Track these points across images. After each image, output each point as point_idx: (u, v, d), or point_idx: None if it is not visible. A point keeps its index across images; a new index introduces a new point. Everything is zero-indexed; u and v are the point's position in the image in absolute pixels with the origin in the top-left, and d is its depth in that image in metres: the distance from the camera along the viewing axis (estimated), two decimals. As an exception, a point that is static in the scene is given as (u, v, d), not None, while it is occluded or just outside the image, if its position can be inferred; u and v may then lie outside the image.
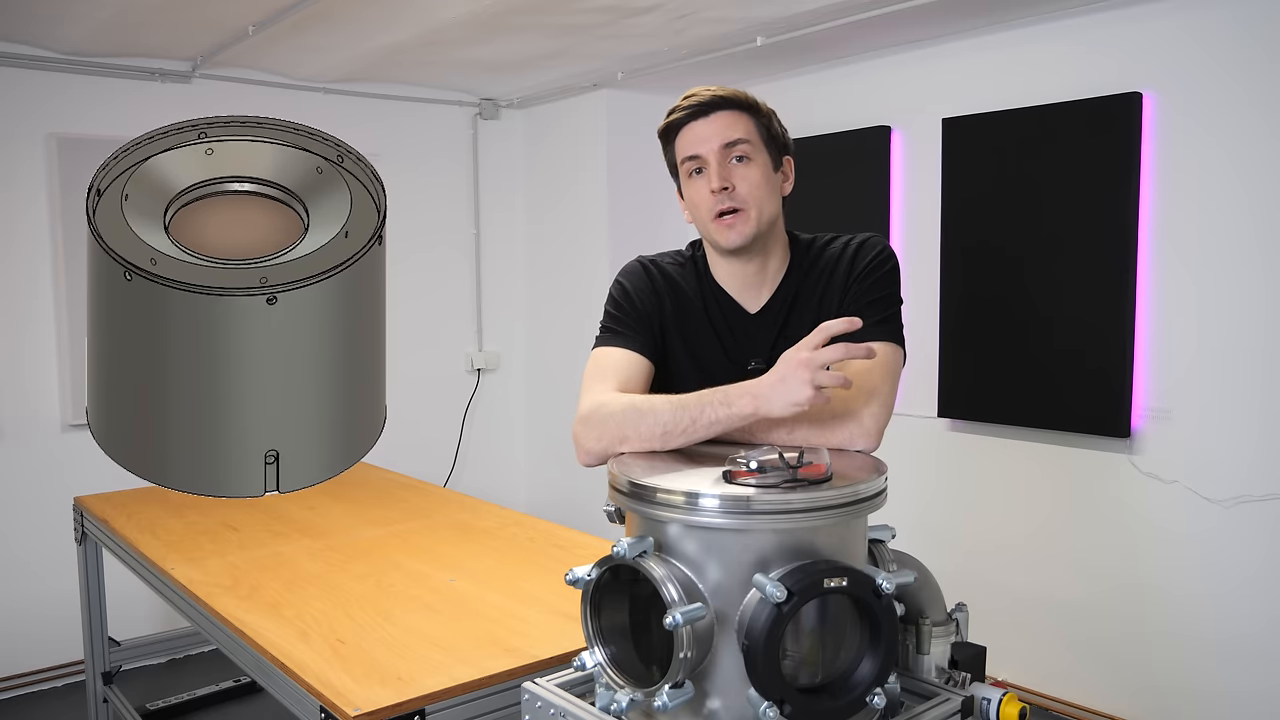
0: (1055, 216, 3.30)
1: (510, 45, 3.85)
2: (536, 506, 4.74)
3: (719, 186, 1.52)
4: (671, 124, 1.58)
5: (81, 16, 3.36)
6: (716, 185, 1.52)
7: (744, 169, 1.54)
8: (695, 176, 1.56)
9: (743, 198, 1.53)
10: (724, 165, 1.53)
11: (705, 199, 1.54)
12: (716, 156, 1.53)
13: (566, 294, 4.82)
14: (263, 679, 1.88)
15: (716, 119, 1.54)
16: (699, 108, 1.55)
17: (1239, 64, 2.94)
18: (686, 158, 1.56)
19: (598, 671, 1.24)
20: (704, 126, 1.54)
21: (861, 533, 1.25)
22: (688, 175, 1.58)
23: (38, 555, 3.74)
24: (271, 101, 4.21)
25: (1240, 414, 2.98)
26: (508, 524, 2.68)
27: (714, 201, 1.53)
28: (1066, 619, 3.40)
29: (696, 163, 1.55)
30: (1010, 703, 1.30)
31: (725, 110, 1.54)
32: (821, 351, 1.28)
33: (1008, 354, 3.47)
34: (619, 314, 1.60)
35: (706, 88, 1.57)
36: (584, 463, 1.43)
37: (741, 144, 1.54)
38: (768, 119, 1.59)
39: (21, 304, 3.77)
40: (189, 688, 3.62)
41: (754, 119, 1.56)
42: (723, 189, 1.52)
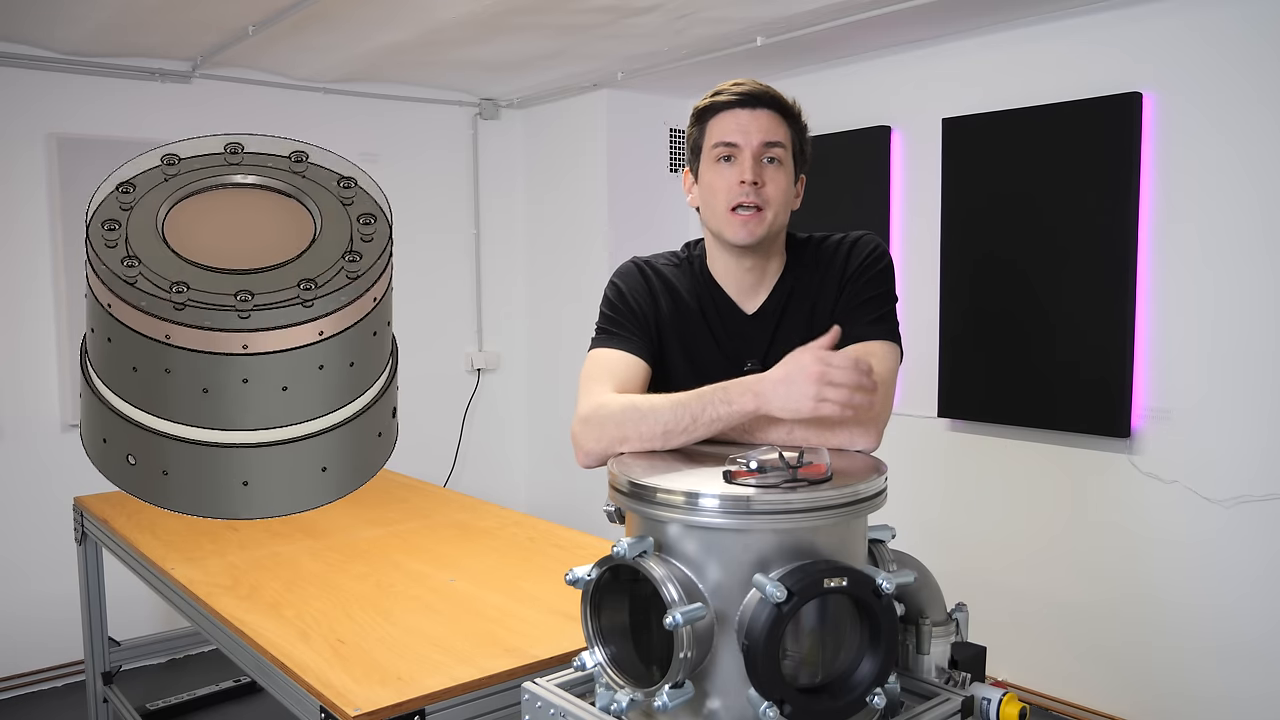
0: (1055, 217, 3.29)
1: (510, 45, 3.84)
2: (536, 506, 4.74)
3: (751, 179, 1.51)
4: (714, 104, 1.55)
5: (81, 16, 3.36)
6: (749, 177, 1.50)
7: (774, 171, 1.53)
8: (723, 164, 1.54)
9: (767, 198, 1.52)
10: (759, 161, 1.52)
11: (729, 187, 1.52)
12: (755, 150, 1.52)
13: (566, 293, 4.82)
14: (263, 679, 1.88)
15: (763, 115, 1.53)
16: (748, 97, 1.53)
17: (1239, 64, 2.94)
18: (721, 142, 1.54)
19: (598, 671, 1.24)
20: (749, 118, 1.53)
21: (861, 533, 1.25)
22: (714, 160, 1.55)
23: (38, 555, 3.74)
24: (271, 101, 4.21)
25: (1240, 414, 2.98)
26: (508, 524, 2.68)
27: (739, 192, 1.51)
28: (1066, 619, 3.40)
29: (730, 150, 1.53)
30: (1010, 703, 1.30)
31: (772, 110, 1.54)
32: (834, 370, 1.28)
33: (1008, 354, 3.47)
34: (615, 315, 1.60)
35: (756, 81, 1.56)
36: (584, 464, 1.43)
37: (778, 147, 1.53)
38: (803, 133, 1.58)
39: (21, 304, 3.76)
40: (189, 688, 3.62)
41: (793, 128, 1.56)
42: (754, 182, 1.51)
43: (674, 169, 4.69)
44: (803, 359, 1.31)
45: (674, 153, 4.70)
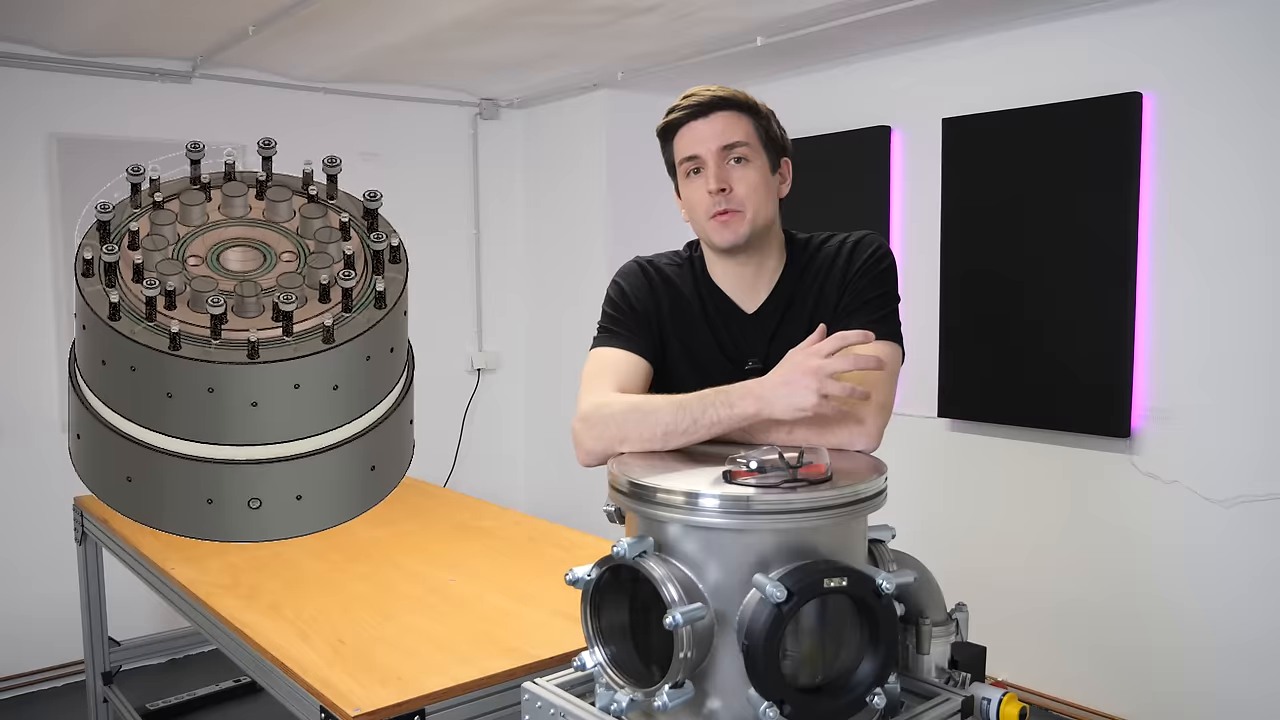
0: (1055, 217, 3.30)
1: (510, 45, 3.84)
2: (536, 506, 4.73)
3: (716, 188, 1.52)
4: (670, 123, 1.58)
5: (81, 16, 3.36)
6: (714, 186, 1.52)
7: (742, 170, 1.54)
8: (693, 176, 1.56)
9: (740, 199, 1.53)
10: (722, 167, 1.53)
11: (702, 199, 1.55)
12: (715, 158, 1.53)
13: (566, 294, 4.82)
14: (263, 679, 1.88)
15: (716, 119, 1.54)
16: (698, 108, 1.55)
17: (1240, 64, 2.94)
18: (685, 158, 1.56)
19: (598, 671, 1.24)
20: (703, 127, 1.54)
21: (861, 533, 1.25)
22: (686, 175, 1.58)
23: (38, 555, 3.74)
24: (271, 101, 4.21)
25: (1240, 414, 2.98)
26: (508, 524, 2.68)
27: (711, 202, 1.53)
28: (1066, 619, 3.40)
29: (695, 163, 1.55)
30: (1010, 703, 1.30)
31: (725, 111, 1.54)
32: (831, 361, 1.29)
33: (1008, 354, 3.47)
34: (617, 314, 1.60)
35: (706, 87, 1.57)
36: (584, 462, 1.43)
37: (740, 146, 1.54)
38: (767, 120, 1.58)
39: (21, 303, 3.77)
40: (189, 688, 3.62)
41: (753, 120, 1.56)
42: (720, 190, 1.52)
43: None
44: (798, 358, 1.31)
45: (674, 153, 4.70)
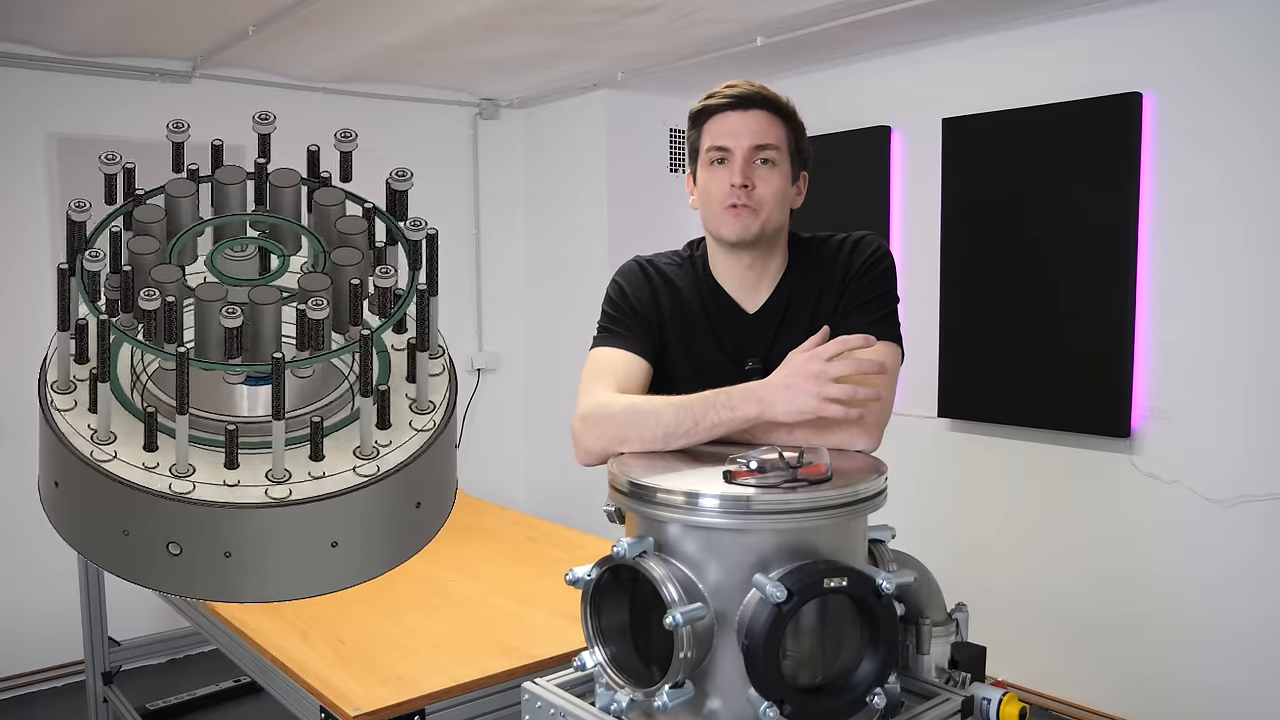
0: (1055, 217, 3.29)
1: (510, 45, 3.84)
2: (536, 506, 4.73)
3: (740, 182, 1.51)
4: (707, 108, 1.57)
5: (81, 16, 3.36)
6: (739, 180, 1.51)
7: (767, 172, 1.53)
8: (717, 166, 1.55)
9: (759, 199, 1.52)
10: (749, 163, 1.52)
11: (721, 190, 1.53)
12: (745, 154, 1.52)
13: (566, 294, 4.82)
14: (263, 679, 1.88)
15: (753, 116, 1.53)
16: (740, 100, 1.54)
17: (1239, 64, 2.94)
18: (714, 146, 1.55)
19: (598, 671, 1.24)
20: (739, 120, 1.53)
21: (861, 533, 1.25)
22: (709, 163, 1.56)
23: (38, 555, 3.73)
24: (271, 101, 4.20)
25: (1240, 414, 2.98)
26: (508, 524, 2.68)
27: (730, 194, 1.52)
28: (1066, 619, 3.40)
29: (722, 153, 1.54)
30: (1010, 703, 1.30)
31: (764, 110, 1.54)
32: (832, 365, 1.29)
33: (1008, 354, 3.47)
34: (617, 314, 1.60)
35: (749, 82, 1.56)
36: (583, 462, 1.43)
37: (771, 149, 1.53)
38: (799, 131, 1.58)
39: (21, 303, 3.76)
40: (189, 688, 3.62)
41: (787, 127, 1.56)
42: (743, 185, 1.51)
43: (674, 169, 4.69)
44: (799, 362, 1.31)
45: (674, 153, 4.70)
